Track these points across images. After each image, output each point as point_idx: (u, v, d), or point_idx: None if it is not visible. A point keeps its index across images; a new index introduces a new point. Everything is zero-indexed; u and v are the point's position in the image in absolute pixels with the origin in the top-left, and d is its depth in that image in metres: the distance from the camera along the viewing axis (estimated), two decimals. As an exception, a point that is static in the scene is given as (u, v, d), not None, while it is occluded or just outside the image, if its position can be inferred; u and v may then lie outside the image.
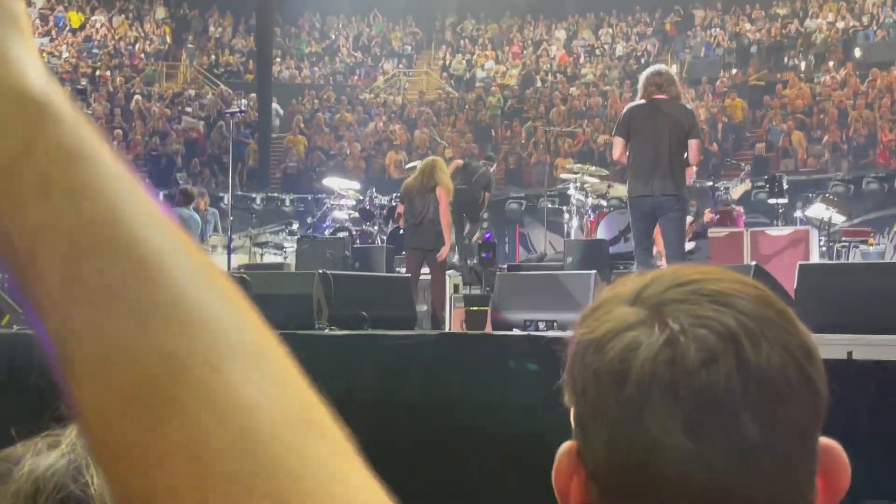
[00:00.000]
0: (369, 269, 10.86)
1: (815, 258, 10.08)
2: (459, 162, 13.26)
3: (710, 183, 9.65)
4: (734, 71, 24.46)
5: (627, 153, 7.21)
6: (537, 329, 6.95)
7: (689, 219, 8.80)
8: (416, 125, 23.32)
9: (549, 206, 14.28)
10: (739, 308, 0.77)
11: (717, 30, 26.54)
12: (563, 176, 14.67)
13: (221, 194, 18.99)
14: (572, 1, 29.46)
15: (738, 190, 9.20)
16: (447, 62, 28.28)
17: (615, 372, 0.76)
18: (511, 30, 29.58)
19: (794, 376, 0.75)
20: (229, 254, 9.40)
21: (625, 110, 7.41)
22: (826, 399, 0.78)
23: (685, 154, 7.06)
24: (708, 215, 8.77)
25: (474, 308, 9.88)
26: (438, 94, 25.97)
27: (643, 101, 7.20)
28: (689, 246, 8.81)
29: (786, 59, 24.56)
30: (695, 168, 7.55)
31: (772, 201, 12.30)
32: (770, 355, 0.75)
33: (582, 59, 27.12)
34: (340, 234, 12.61)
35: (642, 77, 7.37)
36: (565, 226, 12.90)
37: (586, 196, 12.27)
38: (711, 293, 0.79)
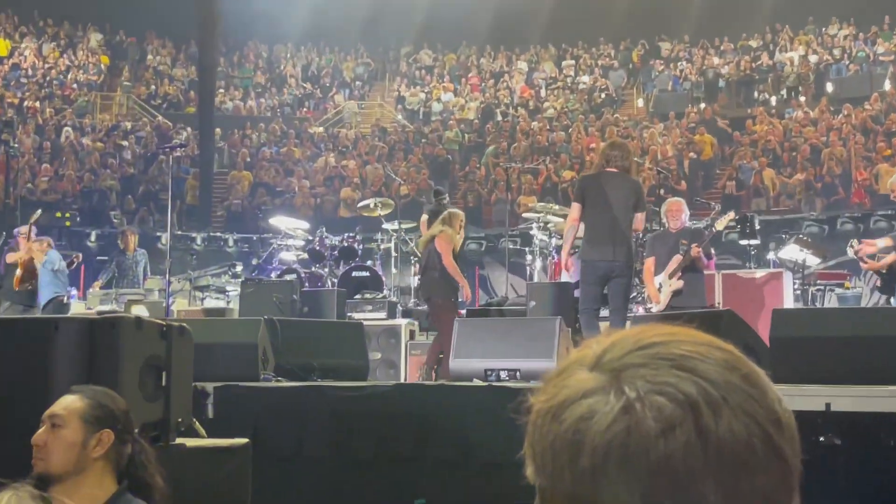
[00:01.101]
0: (319, 314, 10.80)
1: (789, 302, 10.21)
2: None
3: (705, 223, 9.87)
4: (703, 105, 24.93)
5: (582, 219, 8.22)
6: (499, 379, 6.94)
7: (677, 256, 8.96)
8: (369, 161, 23.37)
9: (511, 246, 14.35)
10: (701, 373, 0.77)
11: (685, 63, 27.06)
12: (526, 215, 14.78)
13: (159, 234, 18.83)
14: (534, 31, 29.90)
15: (722, 222, 9.35)
16: (402, 94, 28.46)
17: (570, 443, 0.76)
18: (469, 60, 29.89)
19: (760, 446, 0.75)
20: (168, 298, 9.27)
21: (579, 179, 8.62)
22: (799, 470, 0.77)
23: (632, 223, 8.17)
24: (695, 250, 8.90)
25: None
26: (393, 127, 26.10)
27: (596, 172, 8.30)
28: (677, 284, 8.94)
29: (756, 94, 25.08)
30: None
31: (743, 242, 12.48)
32: (732, 423, 0.75)
33: (544, 92, 27.45)
34: (288, 277, 12.55)
35: (601, 147, 8.62)
36: (528, 268, 12.96)
37: (550, 236, 12.35)
38: (673, 357, 0.78)
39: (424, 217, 12.37)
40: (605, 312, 8.76)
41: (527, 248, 13.28)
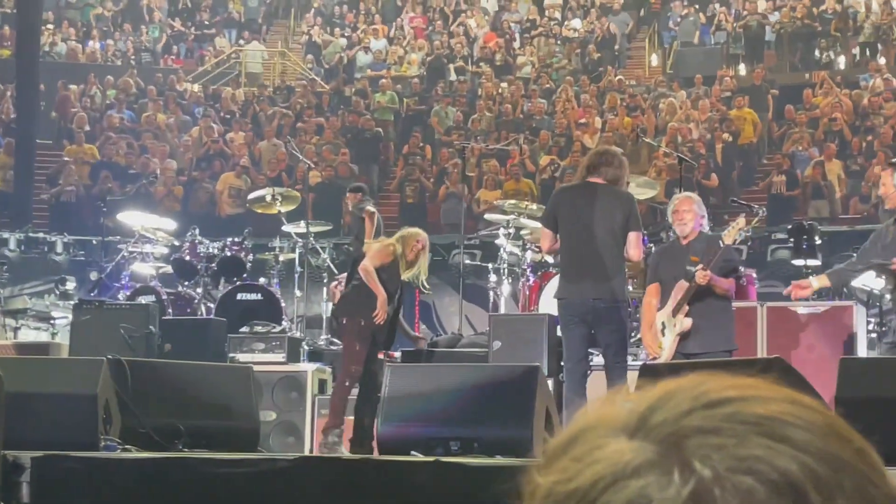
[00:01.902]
0: (188, 353, 10.71)
1: (862, 349, 10.33)
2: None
3: (748, 242, 10.08)
4: (742, 67, 25.21)
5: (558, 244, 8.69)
6: (448, 452, 6.95)
7: (682, 283, 9.00)
8: (266, 134, 23.31)
9: (468, 261, 14.38)
10: (801, 444, 0.78)
11: (718, 5, 27.40)
12: (489, 216, 14.82)
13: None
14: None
15: (731, 232, 9.42)
16: (314, 39, 28.44)
17: None
18: (412, -6, 29.97)
19: None
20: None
21: (553, 194, 9.03)
22: None
23: (623, 249, 8.51)
24: (702, 275, 8.96)
25: (352, 417, 9.82)
26: (301, 86, 26.08)
27: (576, 183, 8.77)
28: (684, 323, 8.97)
29: (818, 53, 25.46)
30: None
31: (798, 262, 12.64)
32: None
33: (518, 42, 27.61)
34: (143, 299, 12.45)
35: (587, 156, 9.08)
36: (491, 293, 12.98)
37: (523, 248, 12.39)
38: (758, 420, 0.78)
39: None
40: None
41: (490, 265, 13.30)
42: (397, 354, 11.71)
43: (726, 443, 0.77)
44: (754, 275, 12.20)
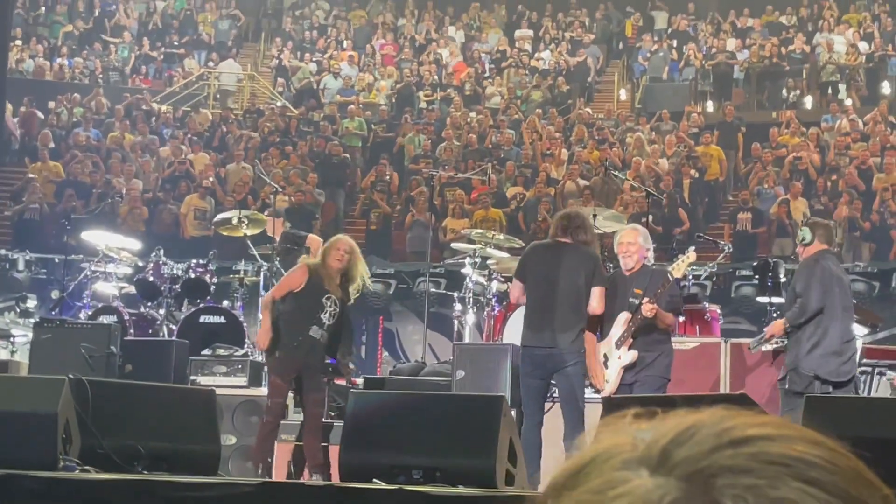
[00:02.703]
0: (149, 374, 10.66)
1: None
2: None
3: (713, 278, 10.26)
4: (710, 104, 25.39)
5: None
6: (411, 481, 6.92)
7: (625, 314, 9.10)
8: (234, 156, 23.27)
9: (433, 289, 14.37)
10: (830, 488, 0.77)
11: (688, 42, 27.60)
12: (455, 245, 14.84)
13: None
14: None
15: (680, 266, 9.47)
16: (283, 63, 28.46)
17: None
18: (383, 21, 30.06)
19: None
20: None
21: (526, 250, 9.76)
22: None
23: (585, 305, 9.11)
24: (648, 307, 9.05)
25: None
26: (269, 109, 26.06)
27: (546, 241, 9.48)
28: (629, 356, 9.07)
29: (785, 92, 25.67)
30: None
31: (762, 300, 12.68)
32: None
33: (487, 72, 27.72)
34: (105, 319, 12.39)
35: (555, 218, 9.90)
36: (455, 321, 12.98)
37: (489, 277, 12.41)
38: (784, 460, 0.78)
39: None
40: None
41: (455, 294, 13.32)
42: (360, 381, 11.69)
43: (758, 483, 0.76)
44: (718, 311, 12.24)
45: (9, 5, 24.08)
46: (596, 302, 9.09)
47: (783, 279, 12.48)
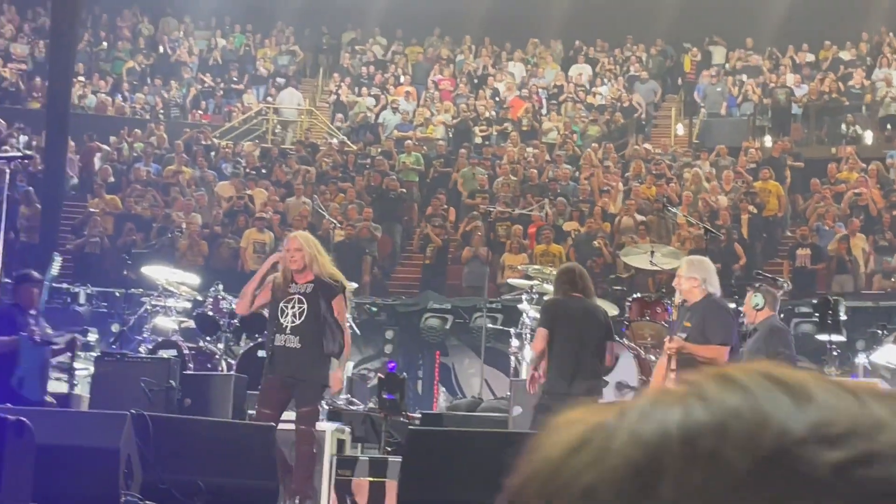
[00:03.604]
0: (207, 410, 10.73)
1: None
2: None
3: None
4: (768, 139, 25.23)
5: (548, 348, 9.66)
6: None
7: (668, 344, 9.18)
8: (292, 191, 23.40)
9: (490, 325, 14.36)
10: None
11: (746, 77, 27.50)
12: (512, 281, 14.82)
13: (-23, 281, 18.58)
14: (534, 20, 30.28)
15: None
16: (341, 98, 28.62)
17: None
18: (441, 56, 30.17)
19: None
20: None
21: (549, 302, 10.22)
22: None
23: (604, 355, 9.82)
24: (672, 343, 9.01)
25: (369, 479, 9.78)
26: (327, 144, 26.19)
27: (568, 297, 9.88)
28: None
29: (844, 127, 25.49)
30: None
31: (822, 338, 12.57)
32: None
33: (545, 107, 27.73)
34: (164, 353, 12.47)
35: (557, 274, 10.53)
36: (512, 357, 12.95)
37: (546, 314, 12.40)
38: None
39: None
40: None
41: (511, 329, 13.30)
42: (417, 415, 11.69)
43: None
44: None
45: (73, 43, 24.40)
46: (608, 355, 9.87)
47: (843, 317, 12.40)
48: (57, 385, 14.00)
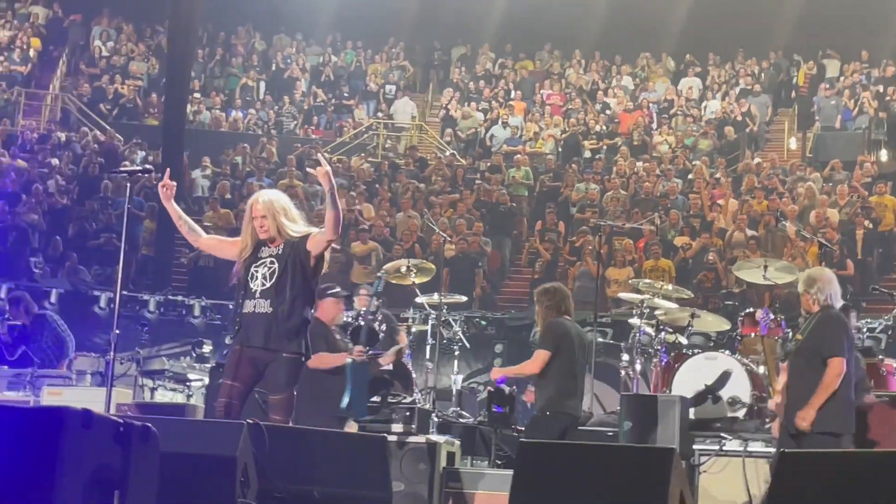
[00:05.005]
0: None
1: None
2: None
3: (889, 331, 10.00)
4: (884, 153, 24.85)
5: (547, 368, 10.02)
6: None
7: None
8: (402, 205, 23.54)
9: (599, 339, 14.31)
10: None
11: (861, 90, 27.10)
12: (622, 295, 14.77)
13: (97, 293, 19.00)
14: (644, 33, 30.15)
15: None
16: (451, 113, 28.74)
17: None
18: (551, 70, 30.17)
19: None
20: (110, 385, 9.29)
21: (554, 324, 10.10)
22: None
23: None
24: (869, 399, 8.91)
25: (479, 491, 9.81)
26: (436, 159, 26.31)
27: (566, 318, 10.19)
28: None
29: (964, 141, 25.06)
30: None
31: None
32: None
33: (655, 121, 27.60)
34: (277, 365, 12.57)
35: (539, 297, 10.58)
36: (622, 372, 12.92)
37: (657, 329, 12.34)
38: None
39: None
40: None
41: (622, 344, 13.28)
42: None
43: None
44: (895, 365, 11.94)
45: (189, 60, 24.84)
46: None
47: (962, 333, 12.17)
48: (172, 395, 14.28)
